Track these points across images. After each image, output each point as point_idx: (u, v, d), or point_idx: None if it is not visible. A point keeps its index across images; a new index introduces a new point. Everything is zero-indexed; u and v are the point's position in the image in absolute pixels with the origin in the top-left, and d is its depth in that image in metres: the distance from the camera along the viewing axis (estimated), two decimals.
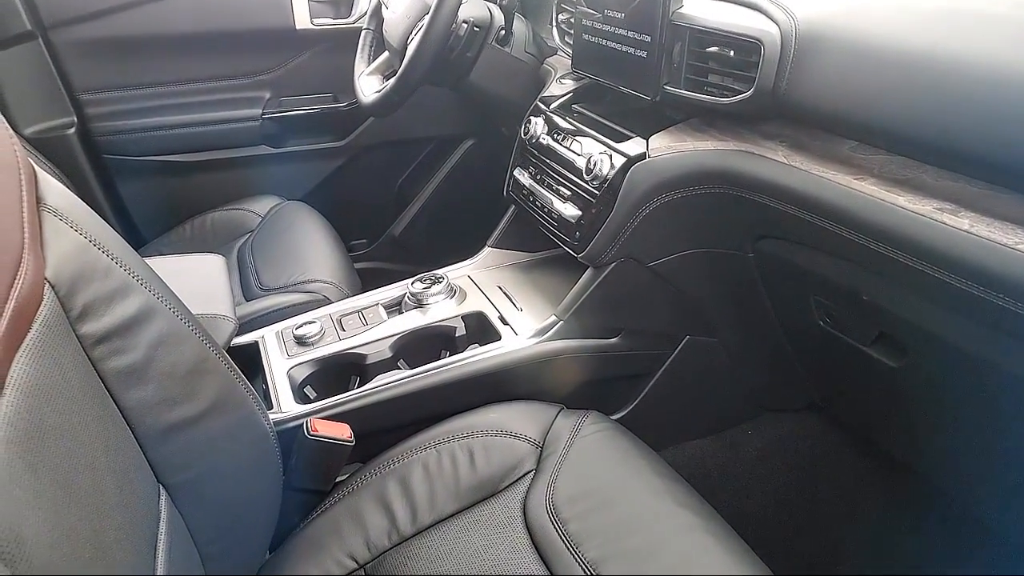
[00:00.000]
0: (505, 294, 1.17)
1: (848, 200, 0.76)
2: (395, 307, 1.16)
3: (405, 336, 1.08)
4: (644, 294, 1.08)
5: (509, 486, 0.85)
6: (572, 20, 1.13)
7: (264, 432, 0.73)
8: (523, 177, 1.18)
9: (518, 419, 0.93)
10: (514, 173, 1.21)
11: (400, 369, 1.05)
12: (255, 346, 1.09)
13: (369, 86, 1.33)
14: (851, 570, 1.17)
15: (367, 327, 1.09)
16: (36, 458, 0.43)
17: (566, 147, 1.09)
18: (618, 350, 1.10)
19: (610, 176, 0.98)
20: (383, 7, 1.32)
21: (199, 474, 0.64)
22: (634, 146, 0.97)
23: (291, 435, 0.88)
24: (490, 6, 1.25)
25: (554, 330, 1.05)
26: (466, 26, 1.20)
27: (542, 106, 1.19)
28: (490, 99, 1.32)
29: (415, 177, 1.87)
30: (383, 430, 0.96)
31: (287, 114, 1.70)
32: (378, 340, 1.07)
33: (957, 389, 0.84)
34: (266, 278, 1.30)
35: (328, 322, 1.11)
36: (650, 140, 0.96)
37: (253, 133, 1.68)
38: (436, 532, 0.81)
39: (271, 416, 0.83)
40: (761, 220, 0.92)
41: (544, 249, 1.30)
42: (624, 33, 0.98)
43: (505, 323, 1.09)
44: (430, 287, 1.14)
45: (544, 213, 1.12)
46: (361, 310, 1.13)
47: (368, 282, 1.32)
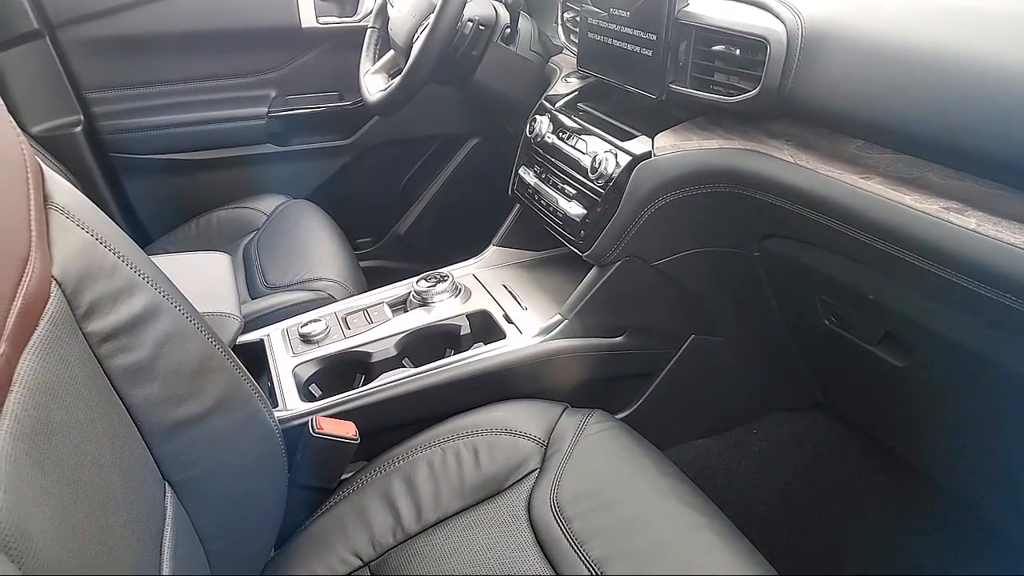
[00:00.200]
0: (510, 293, 1.17)
1: (854, 199, 0.75)
2: (400, 305, 1.16)
3: (410, 334, 1.08)
4: (649, 293, 1.08)
5: (514, 484, 0.85)
6: (577, 19, 1.13)
7: (269, 430, 0.73)
8: (528, 176, 1.18)
9: (523, 418, 0.93)
10: (519, 172, 1.21)
11: (405, 367, 1.05)
12: (260, 344, 1.09)
13: (374, 84, 1.33)
14: (856, 570, 1.17)
15: (372, 325, 1.09)
16: (43, 455, 0.43)
17: (571, 146, 1.09)
18: (623, 349, 1.10)
19: (615, 175, 0.98)
20: (389, 5, 1.32)
21: (204, 471, 0.64)
22: (639, 145, 0.97)
23: (296, 433, 0.88)
24: (495, 4, 1.25)
25: (559, 329, 1.05)
26: (471, 24, 1.20)
27: (547, 105, 1.19)
28: (495, 98, 1.32)
29: (420, 175, 1.87)
30: (388, 428, 0.97)
31: (293, 112, 1.70)
32: (383, 338, 1.07)
33: (963, 389, 0.83)
34: (271, 276, 1.31)
35: (333, 320, 1.11)
36: (655, 139, 0.96)
37: (259, 131, 1.68)
38: (440, 530, 0.81)
39: (276, 414, 0.83)
40: (767, 219, 0.92)
41: (549, 248, 1.29)
42: (630, 32, 0.98)
43: (510, 322, 1.09)
44: (435, 285, 1.14)
45: (549, 212, 1.12)
46: (366, 308, 1.14)
47: (373, 280, 1.32)
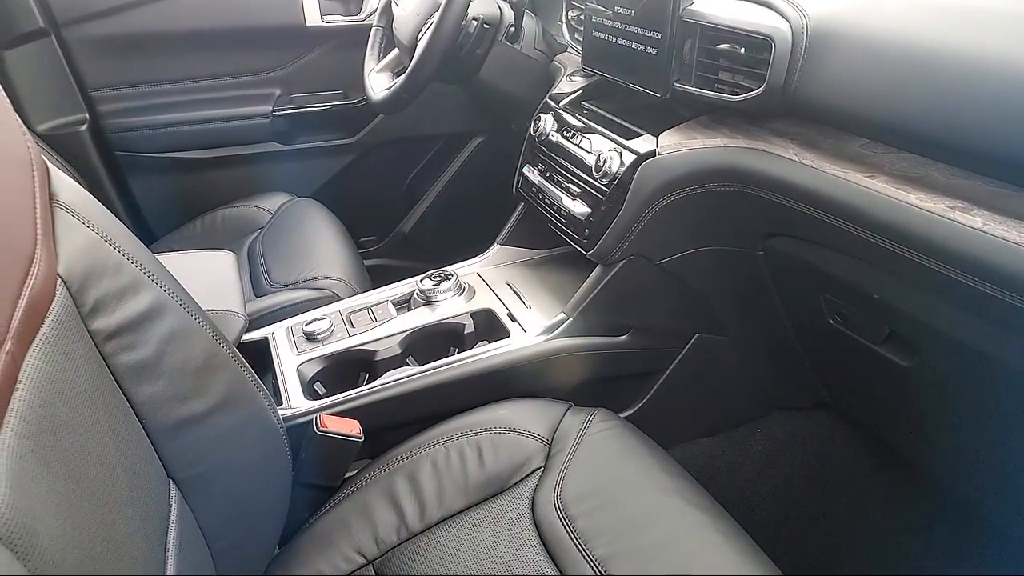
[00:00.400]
0: (514, 291, 1.17)
1: (859, 198, 0.75)
2: (404, 304, 1.16)
3: (414, 333, 1.08)
4: (653, 292, 1.07)
5: (518, 483, 0.85)
6: (582, 17, 1.13)
7: (274, 428, 0.73)
8: (532, 174, 1.17)
9: (527, 416, 0.93)
10: (523, 170, 1.21)
11: (409, 366, 1.05)
12: (265, 342, 1.09)
13: (379, 83, 1.33)
14: (859, 569, 1.16)
15: (376, 324, 1.09)
16: (49, 452, 0.43)
17: (576, 144, 1.09)
18: (627, 348, 1.10)
19: (620, 173, 0.97)
20: (393, 4, 1.32)
21: (209, 469, 0.65)
22: (644, 143, 0.97)
23: (300, 431, 0.88)
24: (500, 3, 1.25)
25: (563, 327, 1.05)
26: (476, 23, 1.20)
27: (552, 103, 1.19)
28: (500, 96, 1.32)
29: (424, 174, 1.87)
30: (392, 426, 0.97)
31: (297, 111, 1.70)
32: (387, 337, 1.07)
33: (968, 389, 0.83)
34: (276, 274, 1.31)
35: (338, 319, 1.11)
36: (660, 137, 0.96)
37: (264, 130, 1.68)
38: (444, 528, 0.81)
39: (281, 412, 0.83)
40: (771, 218, 0.92)
41: (553, 246, 1.29)
42: (634, 30, 0.98)
43: (514, 320, 1.09)
44: (439, 284, 1.14)
45: (553, 210, 1.12)
46: (370, 307, 1.14)
47: (377, 279, 1.32)
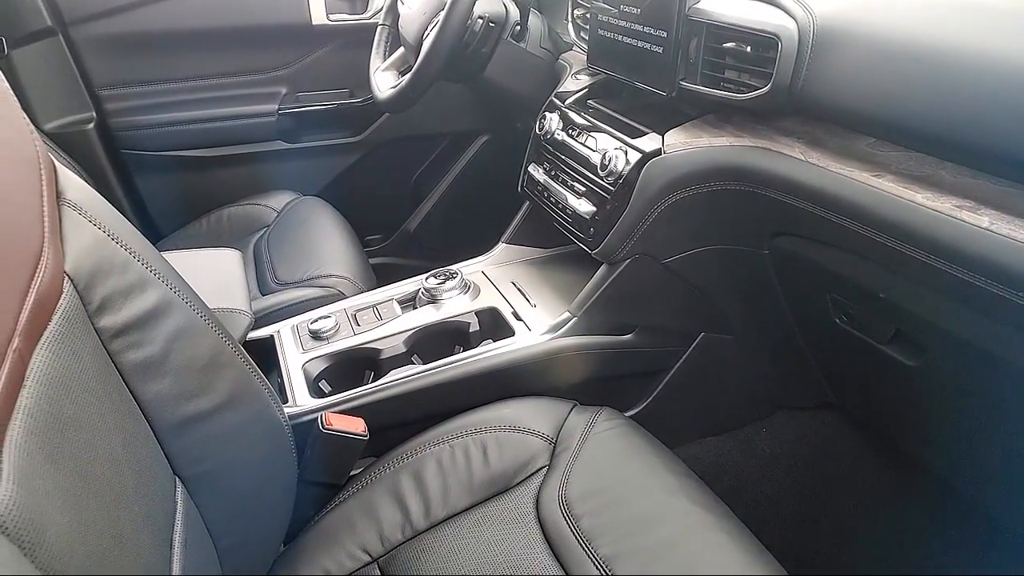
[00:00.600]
0: (519, 290, 1.17)
1: (865, 197, 0.75)
2: (409, 302, 1.16)
3: (419, 331, 1.08)
4: (658, 291, 1.07)
5: (522, 482, 0.85)
6: (588, 15, 1.13)
7: (279, 426, 0.74)
8: (538, 173, 1.17)
9: (531, 415, 0.93)
10: (529, 169, 1.21)
11: (414, 364, 1.05)
12: (271, 340, 1.09)
13: (385, 82, 1.33)
14: (865, 569, 1.16)
15: (381, 322, 1.10)
16: (56, 449, 0.43)
17: (581, 143, 1.09)
18: (632, 347, 1.10)
19: (625, 172, 0.97)
20: (399, 3, 1.32)
21: (215, 467, 0.65)
22: (649, 142, 0.97)
23: (306, 429, 0.88)
24: (506, 1, 1.25)
25: (568, 326, 1.05)
26: (481, 22, 1.20)
27: (557, 102, 1.18)
28: (505, 95, 1.32)
29: (430, 173, 1.87)
30: (397, 425, 0.97)
31: (303, 109, 1.71)
32: (392, 335, 1.07)
33: (974, 388, 0.83)
34: (282, 273, 1.31)
35: (343, 317, 1.11)
36: (666, 136, 0.96)
37: (269, 128, 1.69)
38: (449, 527, 0.81)
39: (286, 410, 0.83)
40: (777, 217, 0.91)
41: (558, 245, 1.29)
42: (640, 28, 0.97)
43: (519, 319, 1.09)
44: (444, 283, 1.14)
45: (558, 209, 1.12)
46: (376, 305, 1.14)
47: (383, 277, 1.32)
